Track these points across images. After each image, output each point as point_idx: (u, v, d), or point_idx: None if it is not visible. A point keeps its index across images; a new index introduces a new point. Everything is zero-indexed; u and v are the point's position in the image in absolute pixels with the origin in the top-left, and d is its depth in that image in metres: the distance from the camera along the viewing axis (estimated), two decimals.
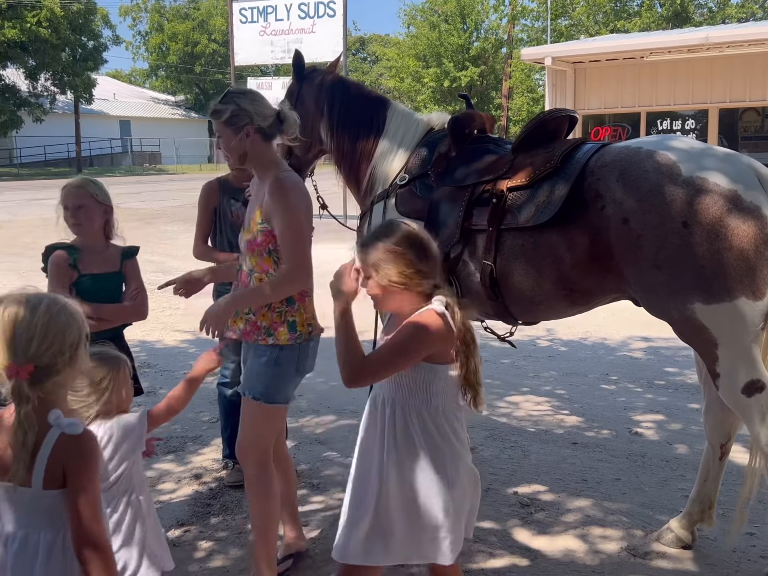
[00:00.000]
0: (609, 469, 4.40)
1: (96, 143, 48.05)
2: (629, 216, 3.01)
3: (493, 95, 45.52)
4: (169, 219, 18.32)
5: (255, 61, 20.25)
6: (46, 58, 38.33)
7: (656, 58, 17.08)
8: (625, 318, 8.12)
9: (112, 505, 2.44)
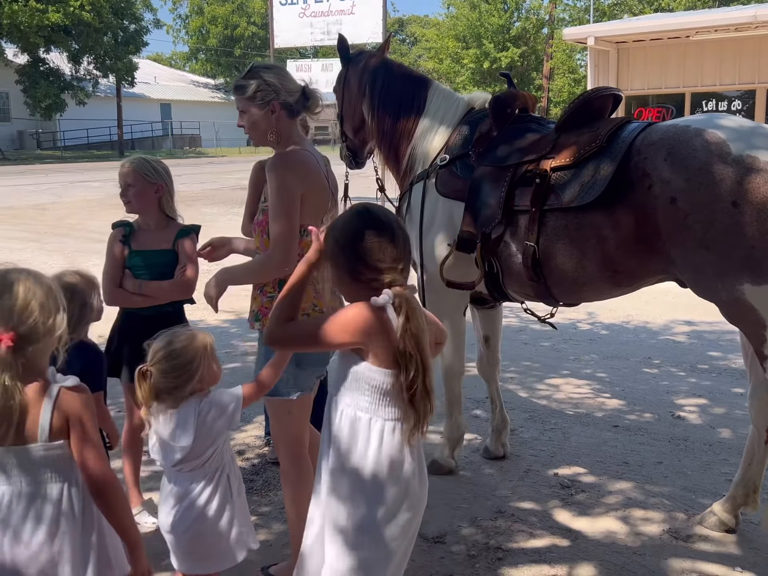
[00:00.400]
0: (651, 452, 4.36)
1: (137, 126, 48.54)
2: (677, 195, 2.96)
3: (533, 76, 44.99)
4: (209, 201, 18.48)
5: (294, 43, 20.29)
6: (89, 42, 38.77)
7: (702, 37, 16.69)
8: (668, 302, 8.03)
9: (205, 481, 2.49)
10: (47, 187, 21.62)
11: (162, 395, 2.44)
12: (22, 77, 39.01)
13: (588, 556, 3.26)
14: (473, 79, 42.18)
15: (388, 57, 4.21)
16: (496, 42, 41.72)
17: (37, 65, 39.21)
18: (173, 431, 2.44)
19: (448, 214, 3.73)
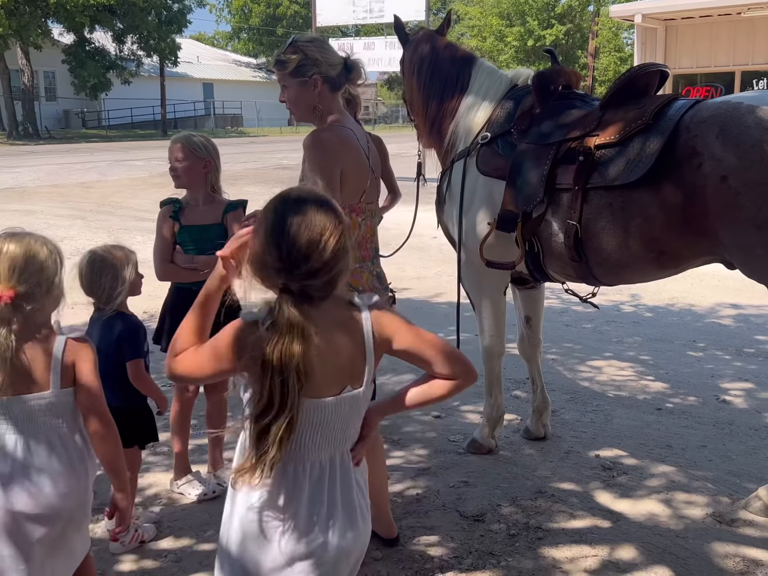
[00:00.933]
0: (695, 435, 4.31)
1: (180, 106, 48.92)
2: (728, 173, 2.90)
3: (578, 54, 44.27)
4: (251, 181, 18.57)
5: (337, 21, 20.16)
6: (134, 21, 39.08)
7: (754, 14, 16.22)
8: (714, 284, 7.88)
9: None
10: (92, 166, 21.95)
11: None
12: (69, 57, 39.54)
13: (629, 538, 3.23)
14: (517, 57, 41.65)
15: (437, 35, 4.15)
16: (540, 19, 41.08)
17: (83, 45, 39.68)
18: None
19: (488, 193, 3.70)
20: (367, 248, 2.97)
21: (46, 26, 36.35)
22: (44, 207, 13.81)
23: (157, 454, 4.08)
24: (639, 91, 3.40)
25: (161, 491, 3.68)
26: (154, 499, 3.61)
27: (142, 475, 3.79)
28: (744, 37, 16.88)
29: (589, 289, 3.77)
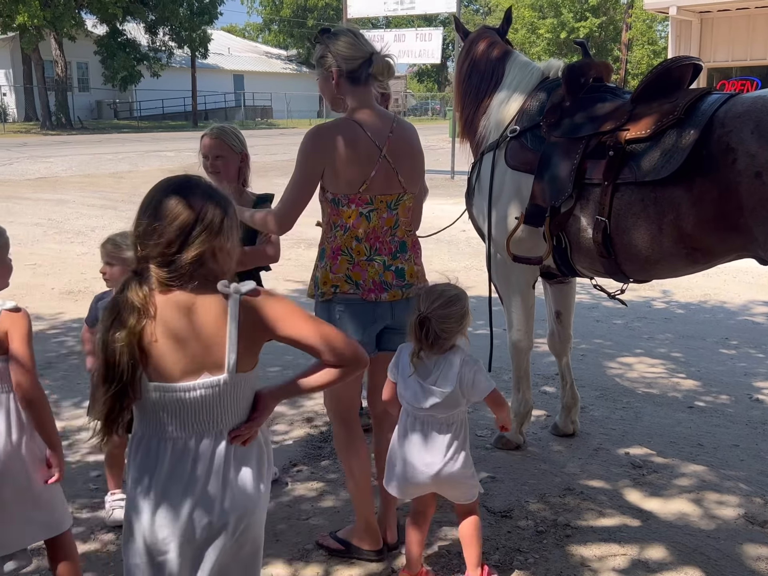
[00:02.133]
0: (727, 434, 4.25)
1: (211, 97, 49.17)
2: (763, 170, 2.84)
3: (611, 47, 43.76)
4: (280, 172, 18.62)
5: (368, 13, 20.12)
6: (165, 13, 39.30)
7: None
8: (748, 281, 7.77)
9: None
10: (124, 156, 22.15)
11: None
12: (101, 48, 39.88)
13: (659, 537, 3.20)
14: (549, 50, 41.30)
15: (490, 33, 4.16)
16: (574, 12, 40.65)
17: (114, 36, 39.99)
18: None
19: (516, 187, 3.68)
20: (382, 241, 2.88)
21: (79, 17, 36.64)
22: (76, 197, 13.97)
23: None
24: (672, 85, 3.34)
25: None
26: None
27: None
28: None
29: (618, 285, 3.73)
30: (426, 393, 2.62)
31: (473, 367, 2.65)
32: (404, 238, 2.93)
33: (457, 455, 2.69)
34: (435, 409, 2.63)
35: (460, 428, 2.72)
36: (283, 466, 3.84)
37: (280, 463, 3.86)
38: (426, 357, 2.64)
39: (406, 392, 2.68)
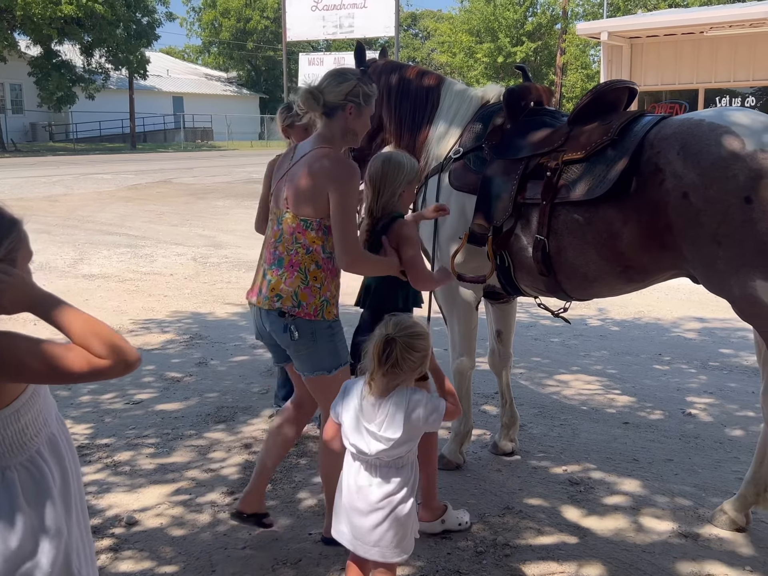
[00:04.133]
0: (661, 449, 4.33)
1: (149, 119, 48.64)
2: (689, 190, 2.93)
3: (546, 71, 44.81)
4: (221, 195, 18.49)
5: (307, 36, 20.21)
6: (102, 34, 38.79)
7: (716, 33, 16.55)
8: (680, 298, 7.98)
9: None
10: (59, 179, 21.68)
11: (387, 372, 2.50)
12: (35, 69, 39.10)
13: (597, 554, 3.23)
14: (486, 74, 42.01)
15: (395, 60, 4.23)
16: (510, 36, 41.53)
17: (49, 57, 39.28)
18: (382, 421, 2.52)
19: (460, 208, 3.72)
20: (268, 251, 3.14)
21: (12, 38, 35.93)
22: None
23: (118, 474, 4.00)
24: (607, 107, 3.44)
25: (121, 512, 3.59)
26: (114, 520, 3.53)
27: (102, 495, 3.72)
28: (707, 55, 17.21)
29: (561, 303, 3.78)
30: (372, 438, 2.51)
31: (419, 402, 2.53)
32: (284, 255, 3.06)
33: (404, 504, 2.55)
34: (382, 454, 2.51)
35: (411, 471, 2.60)
36: (220, 494, 3.76)
37: (217, 491, 3.79)
38: (373, 395, 2.52)
39: (351, 436, 2.57)
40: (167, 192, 19.13)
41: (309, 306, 3.01)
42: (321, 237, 3.03)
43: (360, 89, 3.06)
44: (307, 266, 3.02)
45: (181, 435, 4.51)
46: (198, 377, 5.58)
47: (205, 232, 12.93)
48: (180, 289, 8.57)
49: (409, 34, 69.18)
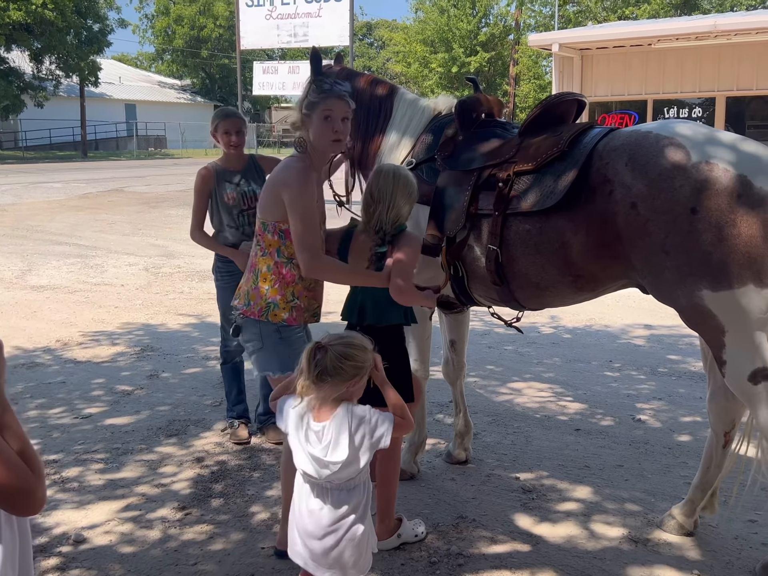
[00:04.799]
0: (612, 455, 4.39)
1: (101, 127, 47.93)
2: (637, 201, 2.97)
3: (500, 81, 45.34)
4: (174, 203, 18.29)
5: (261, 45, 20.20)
6: (52, 41, 38.14)
7: (664, 45, 16.96)
8: (629, 305, 8.11)
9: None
10: (7, 188, 21.22)
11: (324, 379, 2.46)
12: None
13: (549, 561, 3.25)
14: (441, 83, 42.34)
15: (351, 68, 4.25)
16: (464, 47, 41.95)
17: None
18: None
19: (414, 219, 3.71)
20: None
21: None
22: None
23: (66, 490, 3.91)
24: (556, 119, 3.48)
25: (69, 530, 3.51)
26: (62, 538, 3.44)
27: (49, 513, 3.63)
28: (655, 67, 17.61)
29: (515, 313, 3.81)
30: (319, 464, 2.47)
31: (363, 419, 2.50)
32: (253, 258, 3.26)
33: (357, 526, 2.53)
34: (332, 477, 2.47)
35: (363, 491, 2.57)
36: (171, 509, 3.70)
37: (168, 506, 3.73)
38: (314, 415, 2.50)
39: (297, 458, 2.53)
40: (119, 201, 18.86)
41: (255, 306, 3.14)
42: (277, 240, 3.14)
43: (307, 99, 3.19)
44: (260, 268, 3.18)
45: (131, 449, 4.43)
46: (149, 390, 5.49)
47: (158, 241, 12.77)
48: (131, 300, 8.44)
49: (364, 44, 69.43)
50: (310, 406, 2.51)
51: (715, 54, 16.87)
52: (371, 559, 2.63)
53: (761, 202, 2.83)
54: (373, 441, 2.51)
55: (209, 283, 9.19)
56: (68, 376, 5.79)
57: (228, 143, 4.45)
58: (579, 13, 39.12)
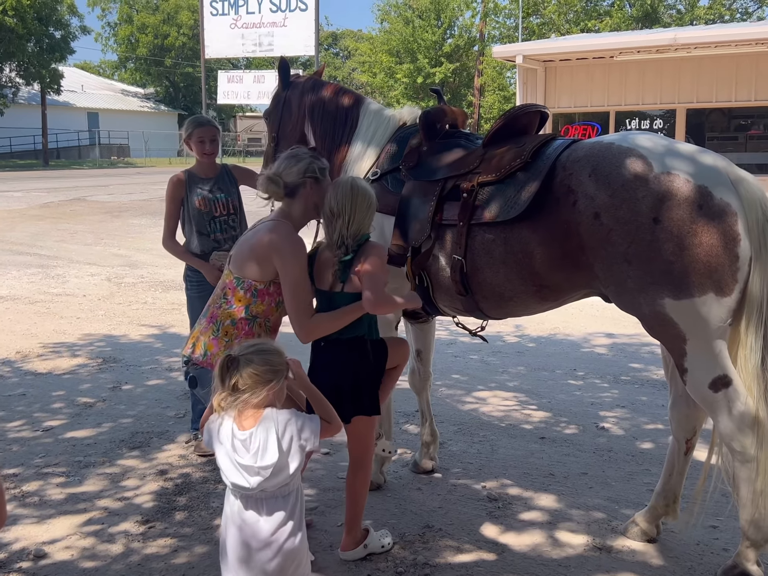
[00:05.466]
0: (576, 463, 4.42)
1: (63, 135, 47.35)
2: (601, 211, 3.01)
3: (465, 92, 45.68)
4: (137, 212, 18.10)
5: (225, 54, 20.12)
6: (11, 48, 37.59)
7: (625, 58, 17.25)
8: (592, 314, 8.20)
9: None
10: None
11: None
12: None
13: (514, 570, 3.26)
14: (406, 94, 42.53)
15: (320, 78, 4.27)
16: (429, 57, 42.21)
17: None
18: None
19: (379, 228, 3.72)
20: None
21: None
22: None
23: (26, 505, 3.83)
24: (519, 131, 3.52)
25: (29, 545, 3.44)
26: (21, 554, 3.37)
27: (8, 528, 3.55)
28: (617, 79, 17.91)
29: (479, 321, 3.83)
30: (249, 472, 2.45)
31: (289, 422, 2.51)
32: (211, 307, 3.28)
33: (294, 537, 2.52)
34: (265, 485, 2.46)
35: (296, 498, 2.56)
36: (135, 522, 3.65)
37: (132, 519, 3.67)
38: (239, 427, 2.49)
39: (226, 472, 2.50)
40: (81, 210, 18.61)
41: (213, 357, 3.11)
42: (248, 298, 3.16)
43: (315, 165, 3.26)
44: (223, 320, 3.18)
45: (92, 463, 4.36)
46: (111, 402, 5.42)
47: (121, 251, 12.62)
48: (93, 310, 8.32)
49: (330, 53, 69.52)
50: (232, 417, 2.51)
51: (675, 67, 17.22)
52: (309, 567, 2.64)
53: (721, 213, 2.88)
54: (301, 443, 2.52)
55: (173, 293, 9.11)
56: (28, 388, 5.69)
57: (202, 151, 4.45)
58: (542, 26, 39.60)
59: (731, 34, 16.42)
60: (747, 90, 16.74)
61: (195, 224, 4.48)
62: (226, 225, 4.51)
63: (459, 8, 43.29)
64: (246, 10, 18.36)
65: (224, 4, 18.49)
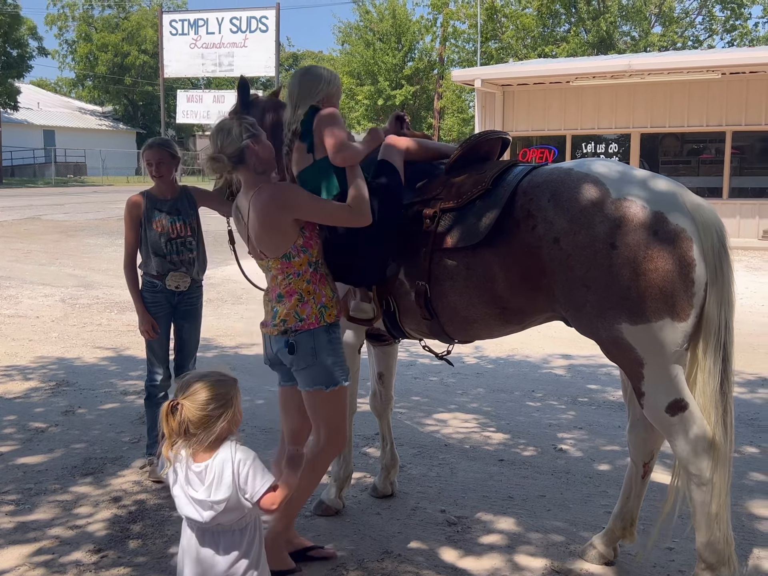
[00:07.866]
0: (534, 485, 4.43)
1: (18, 153, 46.60)
2: (560, 236, 3.04)
3: (425, 115, 46.07)
4: (93, 232, 17.84)
5: (185, 73, 20.07)
6: None
7: (581, 83, 17.57)
8: (550, 335, 8.26)
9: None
10: None
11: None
12: None
13: None
14: (367, 115, 42.77)
15: (280, 99, 4.26)
16: (390, 80, 42.54)
17: None
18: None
19: None
20: (273, 292, 3.34)
21: None
22: None
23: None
24: (482, 157, 3.57)
25: None
26: None
27: None
28: (573, 103, 18.23)
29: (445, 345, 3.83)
30: (202, 506, 2.39)
31: (245, 462, 2.42)
32: (282, 289, 3.30)
33: (254, 570, 2.47)
34: (219, 518, 2.40)
35: (254, 532, 2.50)
36: (87, 551, 3.55)
37: (83, 548, 3.58)
38: (193, 460, 2.43)
39: (180, 505, 2.44)
40: (36, 229, 18.28)
41: (310, 317, 3.23)
42: (305, 257, 3.26)
43: (245, 124, 3.24)
44: (300, 287, 3.26)
45: (44, 490, 4.25)
46: (64, 427, 5.29)
47: (76, 271, 12.41)
48: (46, 332, 8.15)
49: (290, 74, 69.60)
50: (187, 452, 2.44)
51: (630, 92, 17.59)
52: None
53: (676, 238, 2.93)
54: (254, 487, 2.41)
55: (128, 314, 8.97)
56: None
57: (150, 173, 4.45)
58: (501, 50, 40.14)
59: (683, 61, 16.85)
60: (699, 115, 17.17)
61: (151, 245, 4.44)
62: (183, 247, 4.46)
63: (419, 32, 43.73)
64: (206, 30, 18.35)
65: (184, 24, 18.47)
